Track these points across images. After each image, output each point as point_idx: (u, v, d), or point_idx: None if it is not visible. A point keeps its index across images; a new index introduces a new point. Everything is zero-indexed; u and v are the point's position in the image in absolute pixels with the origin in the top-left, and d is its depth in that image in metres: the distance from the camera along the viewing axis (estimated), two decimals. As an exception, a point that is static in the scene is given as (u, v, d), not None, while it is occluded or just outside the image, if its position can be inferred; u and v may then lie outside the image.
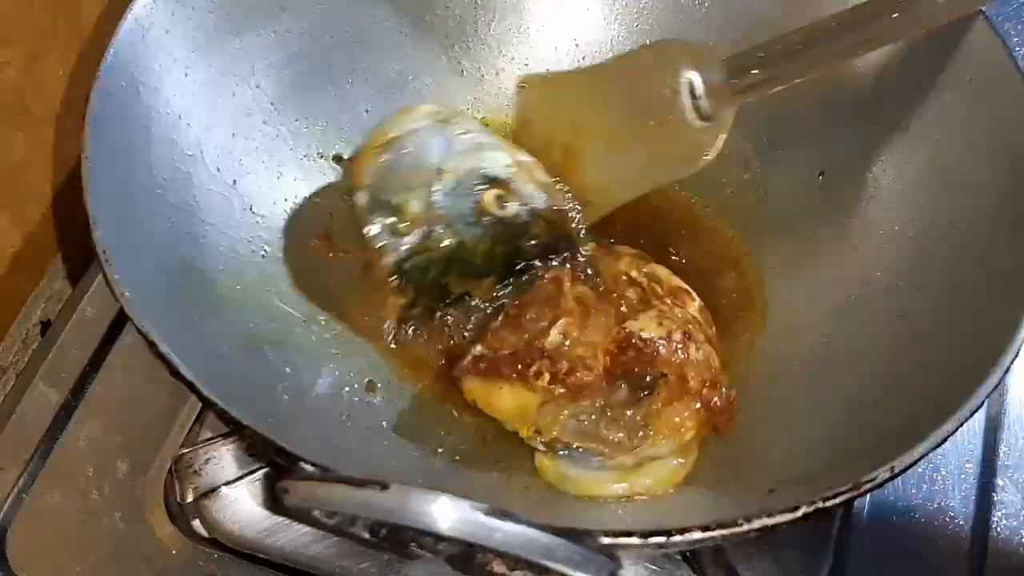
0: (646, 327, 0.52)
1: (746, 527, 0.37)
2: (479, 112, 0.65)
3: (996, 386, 0.41)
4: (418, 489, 0.32)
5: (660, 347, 0.51)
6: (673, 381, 0.50)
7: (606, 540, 0.36)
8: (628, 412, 0.50)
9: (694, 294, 0.56)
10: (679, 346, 0.51)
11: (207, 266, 0.52)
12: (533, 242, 0.57)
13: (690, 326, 0.53)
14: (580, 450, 0.50)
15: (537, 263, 0.57)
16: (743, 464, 0.50)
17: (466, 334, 0.55)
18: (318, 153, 0.60)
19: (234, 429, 0.40)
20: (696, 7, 0.62)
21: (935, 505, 0.56)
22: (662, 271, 0.57)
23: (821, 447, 0.47)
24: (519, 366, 0.51)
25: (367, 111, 0.62)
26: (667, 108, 0.57)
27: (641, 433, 0.49)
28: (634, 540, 0.36)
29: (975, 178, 0.51)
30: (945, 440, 0.40)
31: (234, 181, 0.56)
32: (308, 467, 0.38)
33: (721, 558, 0.53)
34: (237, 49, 0.56)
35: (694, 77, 0.56)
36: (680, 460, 0.50)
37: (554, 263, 0.57)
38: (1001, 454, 0.58)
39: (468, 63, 0.64)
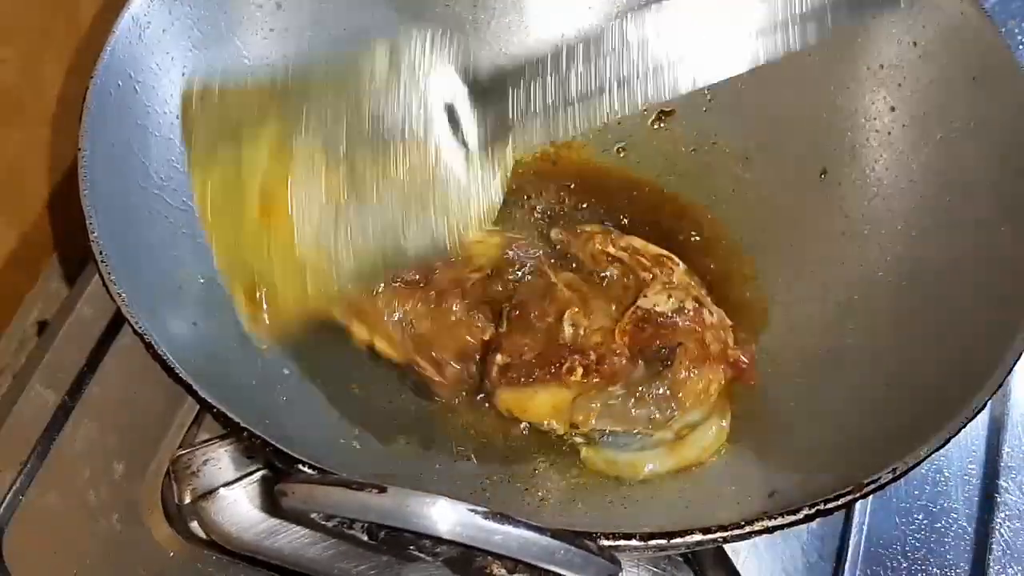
0: (658, 302, 0.52)
1: (747, 529, 0.37)
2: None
3: (999, 387, 0.41)
4: (417, 492, 0.32)
5: (676, 318, 0.51)
6: (692, 348, 0.51)
7: (606, 542, 0.36)
8: (652, 387, 0.50)
9: (676, 258, 0.56)
10: (693, 314, 0.51)
11: (205, 266, 0.51)
12: None
13: (692, 292, 0.53)
14: (621, 433, 0.50)
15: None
16: (745, 465, 0.50)
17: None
18: (317, 152, 0.60)
19: (232, 431, 0.39)
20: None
21: (938, 507, 0.56)
22: (638, 242, 0.57)
23: (823, 448, 0.47)
24: (551, 367, 0.51)
25: (366, 110, 0.62)
26: (418, 139, 0.41)
27: (672, 405, 0.50)
28: (634, 542, 0.36)
29: (977, 177, 0.50)
30: (948, 442, 0.39)
31: (232, 181, 0.55)
32: (306, 469, 0.38)
33: (722, 559, 0.53)
34: (235, 48, 0.56)
35: (455, 99, 0.42)
36: (719, 422, 0.51)
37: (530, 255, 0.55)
38: (1004, 455, 0.57)
39: (467, 62, 0.64)
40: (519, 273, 0.55)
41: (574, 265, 0.56)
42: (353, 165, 0.42)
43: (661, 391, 0.50)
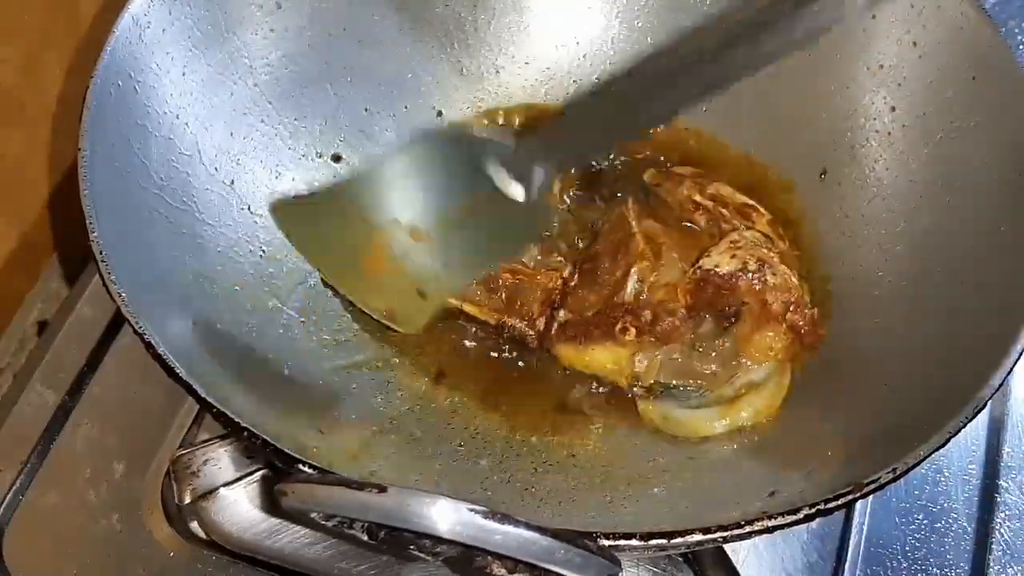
0: (721, 262, 0.53)
1: (747, 529, 0.37)
2: (479, 111, 0.65)
3: (999, 387, 0.41)
4: (417, 491, 0.32)
5: (738, 279, 0.52)
6: (755, 308, 0.51)
7: (606, 542, 0.36)
8: (717, 343, 0.51)
9: (761, 208, 0.57)
10: (755, 275, 0.52)
11: (205, 266, 0.52)
12: None
13: (763, 250, 0.53)
14: (681, 388, 0.51)
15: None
16: (745, 465, 0.50)
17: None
18: (317, 153, 0.60)
19: (232, 431, 0.39)
20: (697, 3, 0.62)
21: (938, 506, 0.56)
22: (725, 189, 0.57)
23: (822, 448, 0.47)
24: (606, 327, 0.52)
25: (366, 110, 0.62)
26: (484, 190, 0.56)
27: (734, 362, 0.51)
28: (634, 542, 0.36)
29: (978, 177, 0.50)
30: (948, 441, 0.39)
31: (232, 181, 0.55)
32: (306, 469, 0.38)
33: (722, 559, 0.53)
34: (235, 48, 0.56)
35: (497, 171, 0.55)
36: (777, 382, 0.52)
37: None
38: (1004, 455, 0.57)
39: (468, 61, 0.64)
40: (600, 220, 0.57)
41: (661, 212, 0.57)
42: (428, 223, 0.57)
43: (726, 346, 0.51)
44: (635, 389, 0.52)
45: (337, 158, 0.61)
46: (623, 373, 0.52)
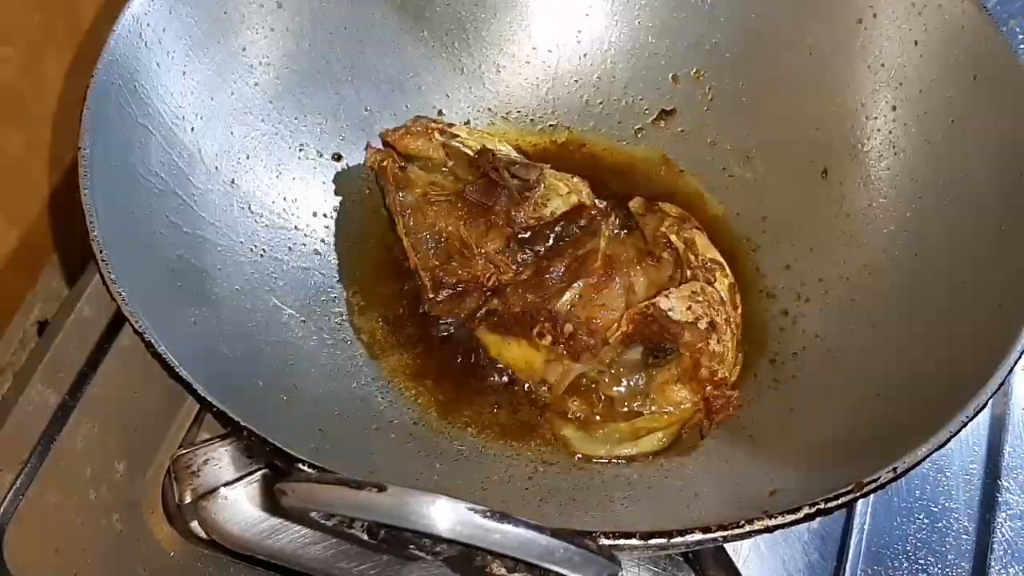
0: (676, 307, 0.53)
1: (747, 528, 0.37)
2: (480, 110, 0.65)
3: (1000, 386, 0.41)
4: (416, 491, 0.32)
5: (684, 330, 0.52)
6: (686, 362, 0.51)
7: (606, 541, 0.36)
8: (635, 374, 0.52)
9: (727, 269, 0.56)
10: (701, 334, 0.52)
11: (205, 265, 0.52)
12: None
13: (717, 313, 0.53)
14: (584, 407, 0.52)
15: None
16: (745, 464, 0.50)
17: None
18: (317, 152, 0.60)
19: (232, 430, 0.39)
20: (698, 3, 0.62)
21: (939, 506, 0.56)
22: (701, 239, 0.57)
23: (823, 447, 0.47)
24: (524, 327, 0.53)
25: (367, 109, 0.62)
26: None
27: (639, 398, 0.52)
28: (634, 541, 0.36)
29: (978, 176, 0.50)
30: (948, 441, 0.39)
31: (232, 180, 0.55)
32: (306, 468, 0.38)
33: (723, 558, 0.53)
34: (235, 47, 0.56)
35: None
36: (662, 436, 0.52)
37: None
38: (1006, 455, 0.57)
39: (468, 61, 0.64)
40: (574, 229, 0.56)
41: (636, 236, 0.57)
42: None
43: (641, 382, 0.52)
44: (545, 397, 0.53)
45: (337, 157, 0.61)
46: (533, 374, 0.53)
